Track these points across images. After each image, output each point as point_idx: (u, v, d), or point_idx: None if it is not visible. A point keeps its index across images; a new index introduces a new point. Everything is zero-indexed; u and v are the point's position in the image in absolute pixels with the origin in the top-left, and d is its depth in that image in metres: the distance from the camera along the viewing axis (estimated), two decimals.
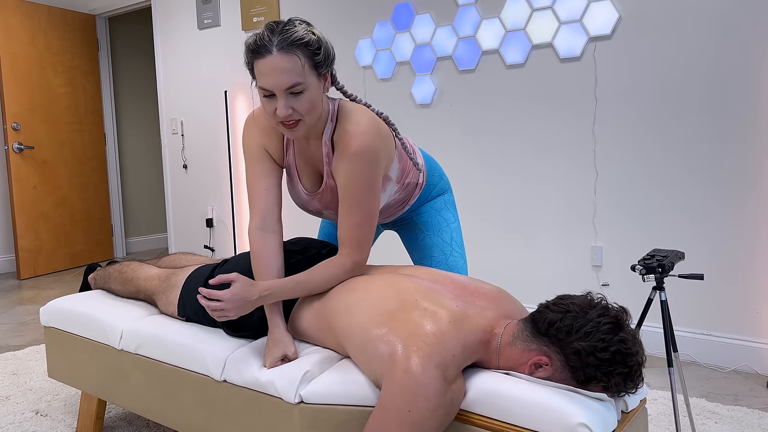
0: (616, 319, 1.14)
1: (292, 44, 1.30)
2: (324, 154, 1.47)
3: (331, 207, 1.57)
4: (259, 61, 1.31)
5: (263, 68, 1.30)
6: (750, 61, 2.37)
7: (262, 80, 1.32)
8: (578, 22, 2.74)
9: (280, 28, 1.31)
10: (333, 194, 1.52)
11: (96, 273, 2.09)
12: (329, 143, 1.46)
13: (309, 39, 1.31)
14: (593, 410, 1.09)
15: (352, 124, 1.42)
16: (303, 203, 1.61)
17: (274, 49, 1.29)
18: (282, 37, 1.30)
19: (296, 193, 1.59)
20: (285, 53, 1.29)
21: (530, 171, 2.96)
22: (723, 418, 2.06)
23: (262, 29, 1.33)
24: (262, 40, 1.30)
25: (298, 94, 1.32)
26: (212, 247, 4.46)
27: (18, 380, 2.51)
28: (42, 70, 4.69)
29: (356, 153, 1.39)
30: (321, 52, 1.34)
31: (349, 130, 1.41)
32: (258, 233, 1.47)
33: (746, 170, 2.41)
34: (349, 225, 1.44)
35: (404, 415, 1.11)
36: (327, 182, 1.50)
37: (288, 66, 1.29)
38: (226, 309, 1.32)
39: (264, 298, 1.36)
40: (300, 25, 1.33)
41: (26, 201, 4.59)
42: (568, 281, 2.89)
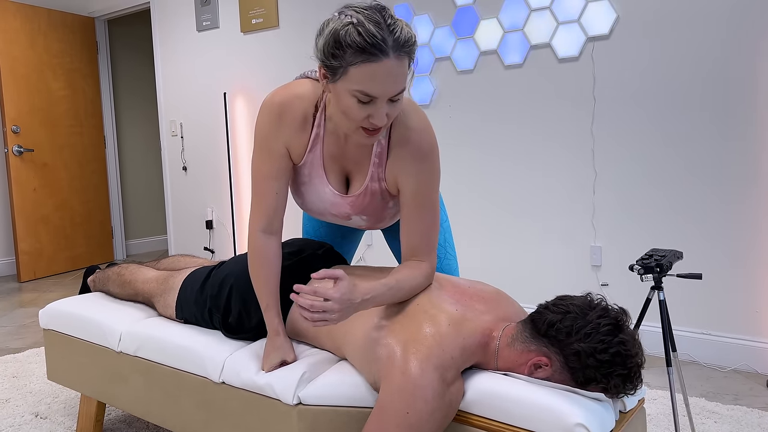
0: (615, 321, 1.14)
1: (406, 45, 1.13)
2: (374, 154, 1.33)
3: (366, 212, 1.41)
4: (369, 63, 1.11)
5: (376, 72, 1.11)
6: (748, 60, 2.37)
7: (368, 86, 1.12)
8: (576, 22, 2.74)
9: (386, 24, 1.12)
10: (373, 198, 1.38)
11: (95, 275, 2.09)
12: (384, 142, 1.33)
13: (414, 37, 1.16)
14: (591, 410, 1.09)
15: (414, 121, 1.31)
16: (325, 207, 1.43)
17: (390, 51, 1.11)
18: (395, 37, 1.11)
19: (318, 195, 1.41)
20: (400, 57, 1.13)
21: (529, 171, 2.96)
22: (722, 417, 2.05)
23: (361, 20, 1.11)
24: (375, 38, 1.10)
25: (397, 100, 1.18)
26: (212, 249, 4.47)
27: (18, 383, 2.51)
28: (41, 73, 4.69)
29: (428, 151, 1.30)
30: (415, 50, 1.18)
31: (414, 127, 1.30)
32: (261, 235, 1.39)
33: (745, 170, 2.41)
34: (423, 229, 1.32)
35: (402, 417, 1.11)
36: (369, 185, 1.36)
37: (402, 71, 1.14)
38: (331, 310, 1.13)
39: (365, 302, 1.20)
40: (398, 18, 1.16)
41: (26, 204, 4.59)
42: (567, 281, 2.89)
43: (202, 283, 1.61)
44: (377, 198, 1.38)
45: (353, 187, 1.39)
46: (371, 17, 1.11)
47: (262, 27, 3.95)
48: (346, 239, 1.79)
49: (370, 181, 1.36)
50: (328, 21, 1.16)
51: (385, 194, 1.38)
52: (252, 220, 1.40)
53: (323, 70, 1.18)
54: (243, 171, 4.21)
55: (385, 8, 1.15)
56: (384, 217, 1.45)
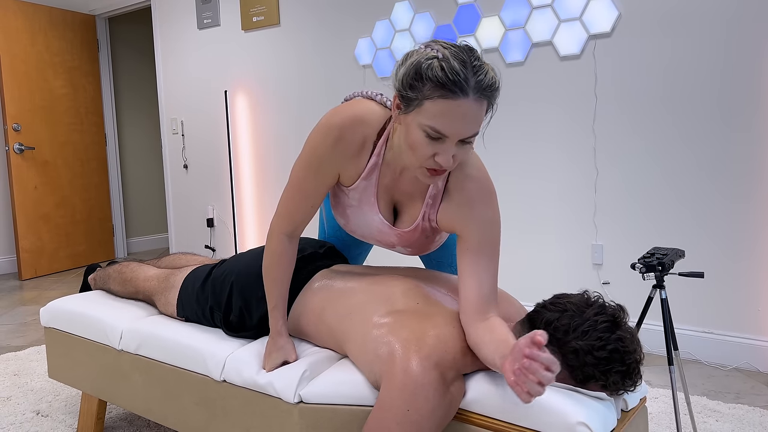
0: (613, 318, 1.14)
1: (488, 89, 1.09)
2: (429, 195, 1.30)
3: (413, 246, 1.40)
4: (446, 100, 1.07)
5: (451, 111, 1.07)
6: (752, 58, 2.37)
7: (440, 122, 1.08)
8: (578, 20, 2.73)
9: (471, 64, 1.08)
10: (421, 234, 1.36)
11: (96, 273, 2.09)
12: (441, 185, 1.30)
13: (498, 83, 1.12)
14: (593, 409, 1.09)
15: (475, 168, 1.28)
16: (371, 233, 1.41)
17: (470, 92, 1.07)
18: (478, 79, 1.08)
19: (366, 221, 1.39)
20: (479, 100, 1.08)
21: (530, 169, 2.96)
22: (724, 416, 2.05)
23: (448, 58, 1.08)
24: (458, 76, 1.06)
25: (468, 144, 1.13)
26: (213, 247, 4.46)
27: (19, 381, 2.52)
28: (42, 71, 4.69)
29: (488, 200, 1.27)
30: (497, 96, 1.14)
31: (475, 175, 1.27)
32: (285, 239, 1.39)
33: (747, 168, 2.41)
34: (493, 278, 1.27)
35: (403, 415, 1.11)
36: (420, 224, 1.34)
37: (479, 115, 1.10)
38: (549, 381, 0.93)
39: None
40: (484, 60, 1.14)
41: (27, 202, 4.59)
42: (568, 280, 2.88)
43: (203, 281, 1.61)
44: (426, 234, 1.37)
45: (401, 220, 1.38)
46: (457, 55, 1.08)
47: (263, 25, 3.94)
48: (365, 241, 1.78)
49: (421, 221, 1.33)
50: (412, 52, 1.13)
51: (435, 231, 1.37)
52: (277, 223, 1.39)
53: (398, 100, 1.14)
54: (244, 169, 4.21)
55: (473, 50, 1.12)
56: (428, 249, 1.44)
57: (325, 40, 3.67)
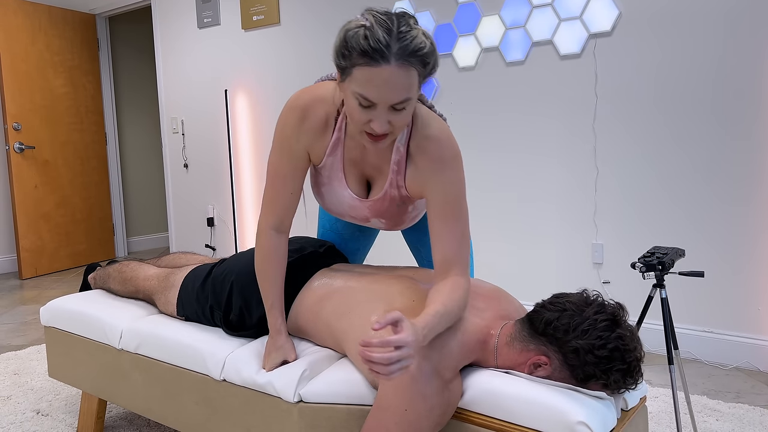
0: (612, 316, 1.14)
1: (412, 55, 1.10)
2: (393, 161, 1.32)
3: (385, 216, 1.42)
4: (369, 68, 1.10)
5: (374, 78, 1.10)
6: (753, 58, 2.36)
7: (366, 89, 1.11)
8: (578, 18, 2.73)
9: (397, 30, 1.10)
10: (392, 203, 1.38)
11: (96, 273, 2.09)
12: (403, 149, 1.31)
13: (427, 48, 1.12)
14: (593, 408, 1.09)
15: (435, 129, 1.29)
16: (345, 209, 1.44)
17: (392, 59, 1.09)
18: (402, 45, 1.09)
19: (338, 197, 1.42)
20: (403, 66, 1.10)
21: (530, 169, 2.96)
22: (724, 415, 2.05)
23: (373, 23, 1.10)
24: (379, 44, 1.08)
25: (401, 109, 1.15)
26: (213, 246, 4.47)
27: (19, 380, 2.52)
28: (42, 70, 4.69)
29: (450, 160, 1.28)
30: (431, 61, 1.15)
31: (435, 136, 1.28)
32: (273, 233, 1.40)
33: (748, 167, 2.41)
34: (455, 239, 1.28)
35: (401, 414, 1.11)
36: (388, 191, 1.35)
37: (403, 81, 1.11)
38: (408, 357, 1.02)
39: (425, 337, 1.10)
40: (416, 26, 1.13)
41: (27, 201, 4.59)
42: (568, 279, 2.88)
43: (203, 281, 1.61)
44: (396, 203, 1.38)
45: (374, 192, 1.39)
46: (384, 23, 1.10)
47: (263, 24, 3.94)
48: (364, 234, 1.78)
49: (389, 188, 1.35)
50: (346, 22, 1.16)
51: (405, 200, 1.38)
52: (263, 218, 1.41)
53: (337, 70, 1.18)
54: (244, 168, 4.21)
55: (405, 16, 1.13)
56: (403, 221, 1.45)
57: (325, 39, 3.66)
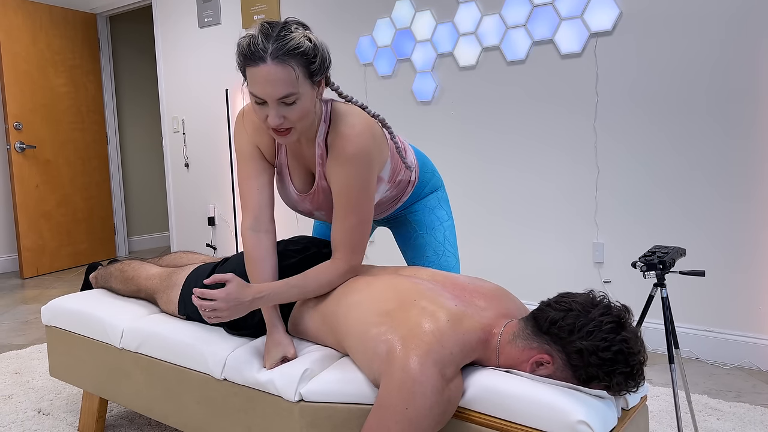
0: (618, 318, 1.14)
1: (287, 54, 1.24)
2: (317, 155, 1.44)
3: (323, 208, 1.54)
4: (251, 68, 1.26)
5: (255, 76, 1.25)
6: (753, 57, 2.36)
7: (253, 87, 1.27)
8: (579, 18, 2.73)
9: (275, 34, 1.25)
10: (325, 195, 1.49)
11: (97, 272, 2.09)
12: (323, 145, 1.42)
13: (305, 47, 1.26)
14: (593, 408, 1.09)
15: (347, 126, 1.38)
16: (294, 203, 1.58)
17: (268, 58, 1.24)
18: (277, 45, 1.24)
19: (287, 193, 1.56)
20: (279, 63, 1.24)
21: (531, 168, 2.95)
22: (725, 414, 2.05)
23: (257, 32, 1.26)
24: (256, 46, 1.24)
25: (291, 104, 1.28)
26: (214, 246, 4.47)
27: (20, 379, 2.52)
28: (43, 70, 4.69)
29: (351, 156, 1.37)
30: (317, 60, 1.28)
31: (344, 132, 1.38)
32: (251, 233, 1.46)
33: (749, 167, 2.40)
34: (344, 228, 1.41)
35: (402, 413, 1.11)
36: (319, 183, 1.47)
37: (282, 77, 1.24)
38: (219, 309, 1.27)
39: (257, 300, 1.32)
40: (296, 30, 1.27)
41: (29, 200, 4.60)
42: (569, 278, 2.88)
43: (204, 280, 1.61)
44: (326, 195, 1.49)
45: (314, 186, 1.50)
46: (266, 29, 1.26)
47: None
48: None
49: (319, 180, 1.47)
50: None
51: None
52: (242, 221, 1.50)
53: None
54: None
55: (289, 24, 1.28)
56: None
57: (325, 38, 3.66)
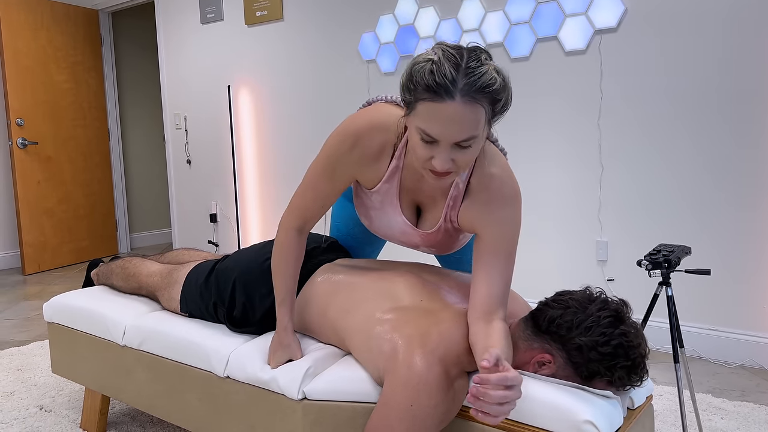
0: (616, 313, 1.13)
1: (479, 91, 1.05)
2: (450, 196, 1.28)
3: (435, 245, 1.39)
4: (433, 103, 1.05)
5: (437, 114, 1.05)
6: (760, 54, 2.35)
7: (429, 125, 1.07)
8: (583, 14, 2.72)
9: (465, 65, 1.05)
10: (445, 236, 1.35)
11: (99, 269, 2.09)
12: (462, 186, 1.27)
13: (497, 85, 1.07)
14: (599, 407, 1.08)
15: (497, 167, 1.26)
16: (394, 234, 1.41)
17: (457, 96, 1.04)
18: (469, 81, 1.04)
19: (389, 223, 1.39)
20: (469, 102, 1.05)
21: (535, 165, 2.94)
22: (729, 413, 2.04)
23: (440, 58, 1.06)
24: (444, 79, 1.04)
25: (466, 147, 1.10)
26: (216, 243, 4.46)
27: (22, 376, 2.52)
28: (45, 66, 4.68)
29: (509, 198, 1.25)
30: (503, 99, 1.10)
31: (495, 174, 1.25)
32: (295, 234, 1.39)
33: (755, 165, 2.39)
34: (504, 280, 1.25)
35: (406, 410, 1.10)
36: (442, 225, 1.33)
37: (469, 118, 1.06)
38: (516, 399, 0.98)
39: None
40: (487, 61, 1.08)
41: (31, 196, 4.59)
42: (573, 276, 2.87)
43: (206, 277, 1.60)
44: (449, 235, 1.36)
45: (424, 220, 1.37)
46: (452, 57, 1.06)
47: (266, 20, 3.93)
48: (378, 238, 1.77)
49: (443, 222, 1.32)
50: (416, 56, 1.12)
51: (457, 231, 1.36)
52: (287, 218, 1.40)
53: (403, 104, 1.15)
54: (247, 164, 4.20)
55: (477, 51, 1.09)
56: (452, 248, 1.44)
57: (328, 34, 3.65)
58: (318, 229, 3.82)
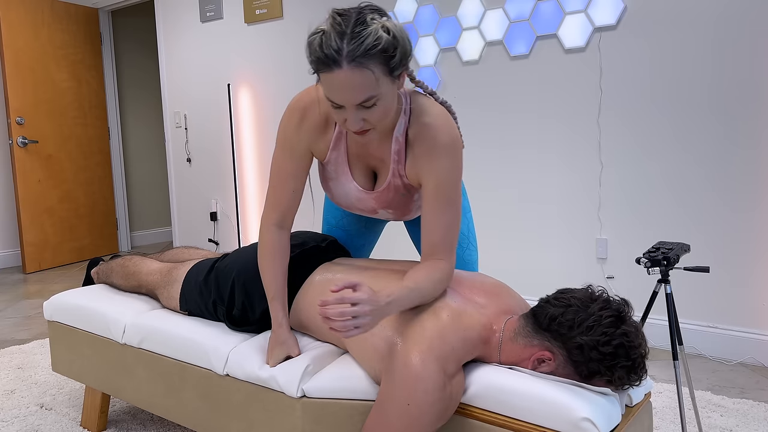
0: (617, 312, 1.13)
1: (365, 55, 1.10)
2: (393, 151, 1.33)
3: (391, 206, 1.43)
4: (326, 73, 1.12)
5: (331, 82, 1.13)
6: (759, 54, 2.34)
7: (329, 93, 1.15)
8: (583, 12, 2.71)
9: (350, 31, 1.10)
10: (395, 193, 1.39)
11: (99, 267, 2.09)
12: (402, 139, 1.31)
13: (384, 42, 1.11)
14: (597, 405, 1.08)
15: (431, 116, 1.29)
16: (351, 202, 1.45)
17: (344, 62, 1.10)
18: (353, 47, 1.09)
19: (344, 191, 1.43)
20: (357, 67, 1.10)
21: (534, 163, 2.94)
22: (728, 411, 2.04)
23: (328, 27, 1.12)
24: (330, 48, 1.10)
25: (371, 105, 1.16)
26: (216, 241, 4.47)
27: (23, 374, 2.52)
28: (45, 65, 4.68)
29: (445, 146, 1.27)
30: (397, 53, 1.14)
31: (431, 123, 1.28)
32: (275, 230, 1.42)
33: (753, 162, 2.39)
34: (443, 226, 1.30)
35: (403, 408, 1.11)
36: (391, 180, 1.36)
37: (360, 81, 1.11)
38: (363, 314, 1.08)
39: (389, 305, 1.15)
40: (373, 22, 1.12)
41: (31, 195, 4.60)
42: (572, 274, 2.87)
43: (206, 275, 1.61)
44: (400, 192, 1.39)
45: (379, 182, 1.40)
46: (338, 26, 1.11)
47: (266, 18, 3.93)
48: (370, 230, 1.78)
49: (392, 177, 1.36)
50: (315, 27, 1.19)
51: (409, 188, 1.38)
52: (266, 214, 1.43)
53: None
54: (247, 162, 4.20)
55: (364, 12, 1.13)
56: (410, 210, 1.46)
57: None
58: (307, 225, 3.82)
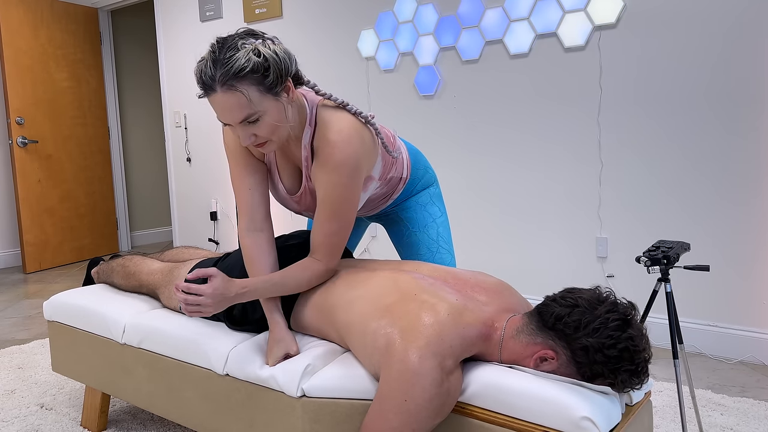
0: (624, 316, 1.13)
1: (234, 78, 1.21)
2: (303, 158, 1.42)
3: (310, 209, 1.54)
4: (207, 97, 1.26)
5: (213, 104, 1.25)
6: (759, 53, 2.34)
7: (216, 114, 1.27)
8: (583, 11, 2.71)
9: (221, 57, 1.21)
10: (312, 197, 1.49)
11: (99, 267, 2.09)
12: (308, 148, 1.41)
13: (253, 64, 1.21)
14: (597, 404, 1.08)
15: (333, 132, 1.35)
16: (283, 201, 1.57)
17: (217, 87, 1.22)
18: (223, 71, 1.21)
19: (277, 191, 1.55)
20: (228, 90, 1.22)
21: (534, 162, 2.94)
22: (729, 409, 2.04)
23: (207, 55, 1.24)
24: (206, 75, 1.22)
25: (255, 121, 1.26)
26: (217, 241, 4.47)
27: (23, 374, 2.52)
28: (45, 64, 4.68)
29: (338, 165, 1.34)
30: (270, 72, 1.23)
31: (330, 139, 1.34)
32: (246, 233, 1.46)
33: (753, 161, 2.39)
34: (325, 232, 1.40)
35: (400, 404, 1.11)
36: (306, 185, 1.47)
37: (233, 102, 1.22)
38: (204, 304, 1.26)
39: (241, 295, 1.32)
40: (244, 46, 1.23)
41: (31, 195, 4.60)
42: (572, 273, 2.87)
43: None
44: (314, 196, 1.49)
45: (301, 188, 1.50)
46: (213, 53, 1.23)
47: (265, 17, 3.92)
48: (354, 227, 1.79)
49: (306, 182, 1.46)
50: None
51: None
52: (239, 223, 1.49)
53: None
54: None
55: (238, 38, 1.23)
56: None
57: (327, 32, 3.65)
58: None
